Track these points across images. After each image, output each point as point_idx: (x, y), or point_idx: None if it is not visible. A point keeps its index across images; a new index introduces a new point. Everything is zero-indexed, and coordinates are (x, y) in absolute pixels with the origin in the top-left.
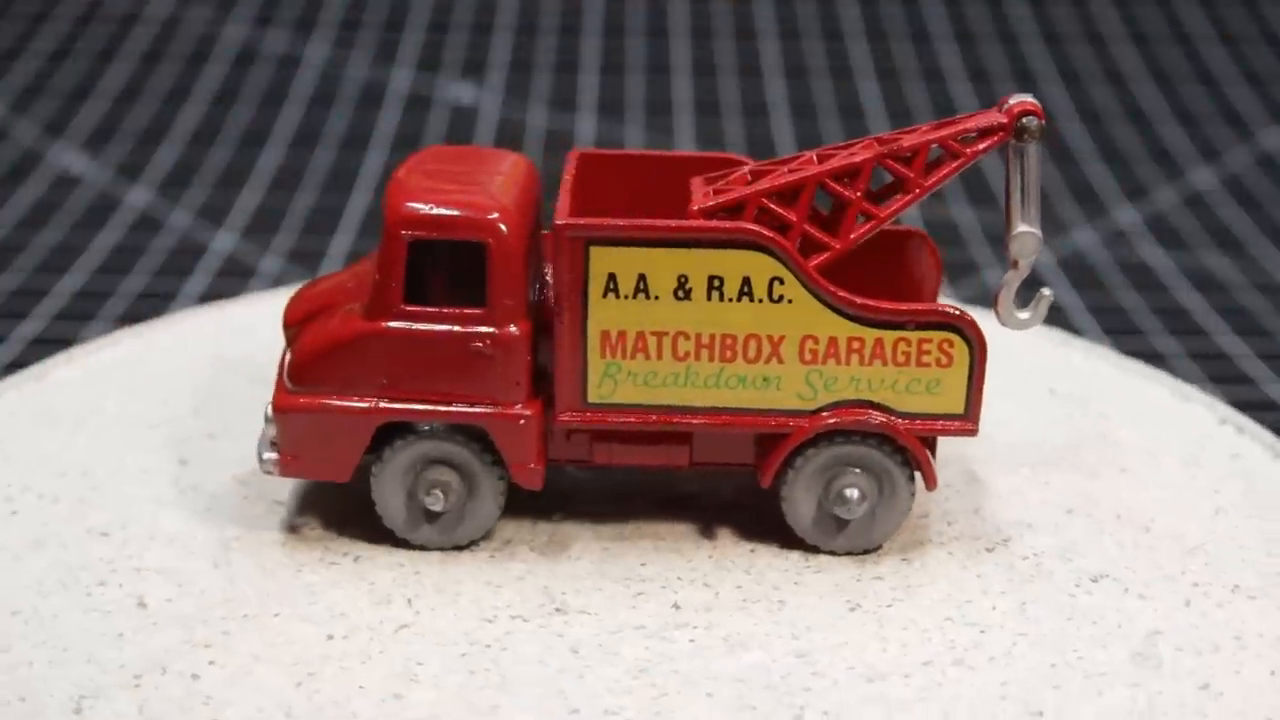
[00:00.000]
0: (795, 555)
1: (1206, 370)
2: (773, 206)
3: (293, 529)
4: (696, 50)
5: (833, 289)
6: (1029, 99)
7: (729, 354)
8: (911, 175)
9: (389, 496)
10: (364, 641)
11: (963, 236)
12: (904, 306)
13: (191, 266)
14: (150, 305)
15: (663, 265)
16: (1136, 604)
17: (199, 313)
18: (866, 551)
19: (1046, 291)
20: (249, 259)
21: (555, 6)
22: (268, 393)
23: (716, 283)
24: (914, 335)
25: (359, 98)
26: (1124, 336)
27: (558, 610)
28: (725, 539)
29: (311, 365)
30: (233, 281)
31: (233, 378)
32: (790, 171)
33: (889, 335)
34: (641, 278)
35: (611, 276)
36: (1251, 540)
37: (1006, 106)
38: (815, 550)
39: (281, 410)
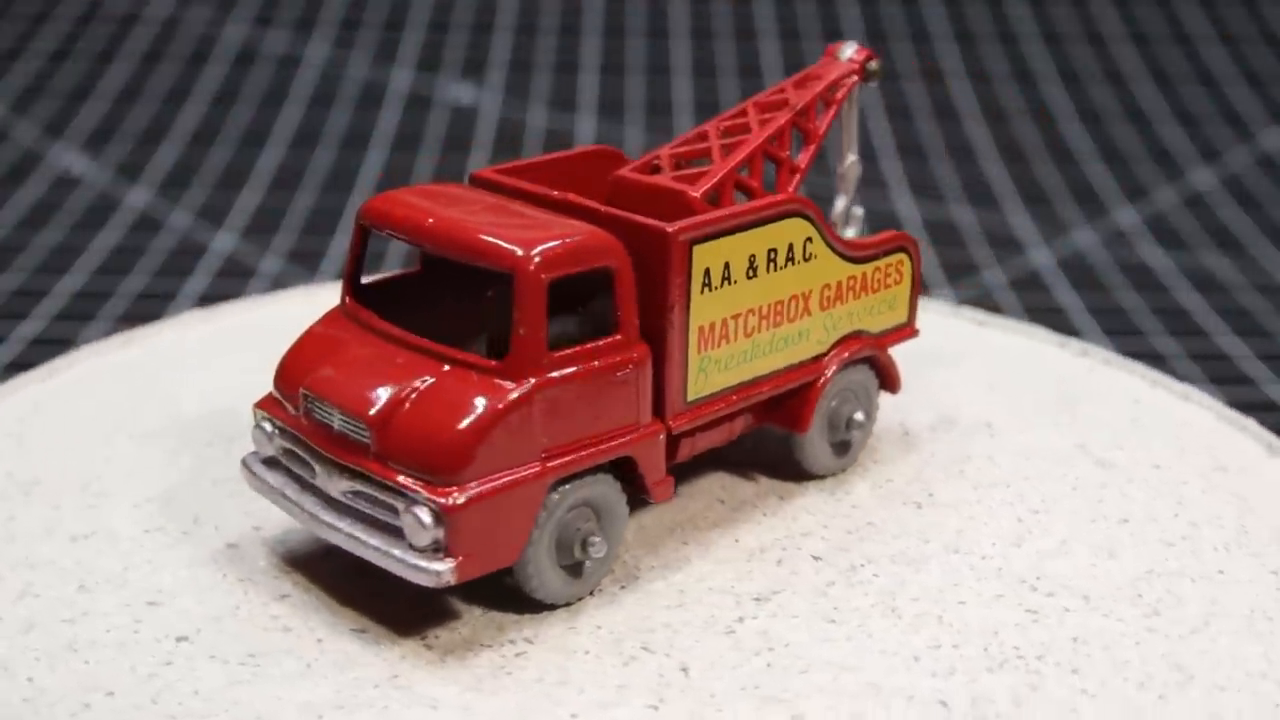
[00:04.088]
0: (811, 488)
1: (1206, 371)
2: (740, 178)
3: (427, 645)
4: (696, 51)
5: (838, 237)
6: (859, 45)
7: (779, 318)
8: (812, 128)
9: (545, 563)
10: (689, 693)
11: (963, 236)
12: (879, 239)
13: (191, 267)
14: (150, 306)
15: (740, 249)
16: (1056, 439)
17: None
18: (848, 467)
19: (859, 211)
20: (249, 259)
21: (555, 7)
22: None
23: (773, 254)
24: (884, 262)
25: (359, 98)
26: (1124, 337)
27: (756, 600)
28: (750, 497)
29: (472, 450)
30: (233, 282)
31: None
32: (729, 147)
33: (870, 268)
34: (726, 266)
35: (706, 271)
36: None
37: (848, 56)
38: (818, 478)
39: (457, 511)
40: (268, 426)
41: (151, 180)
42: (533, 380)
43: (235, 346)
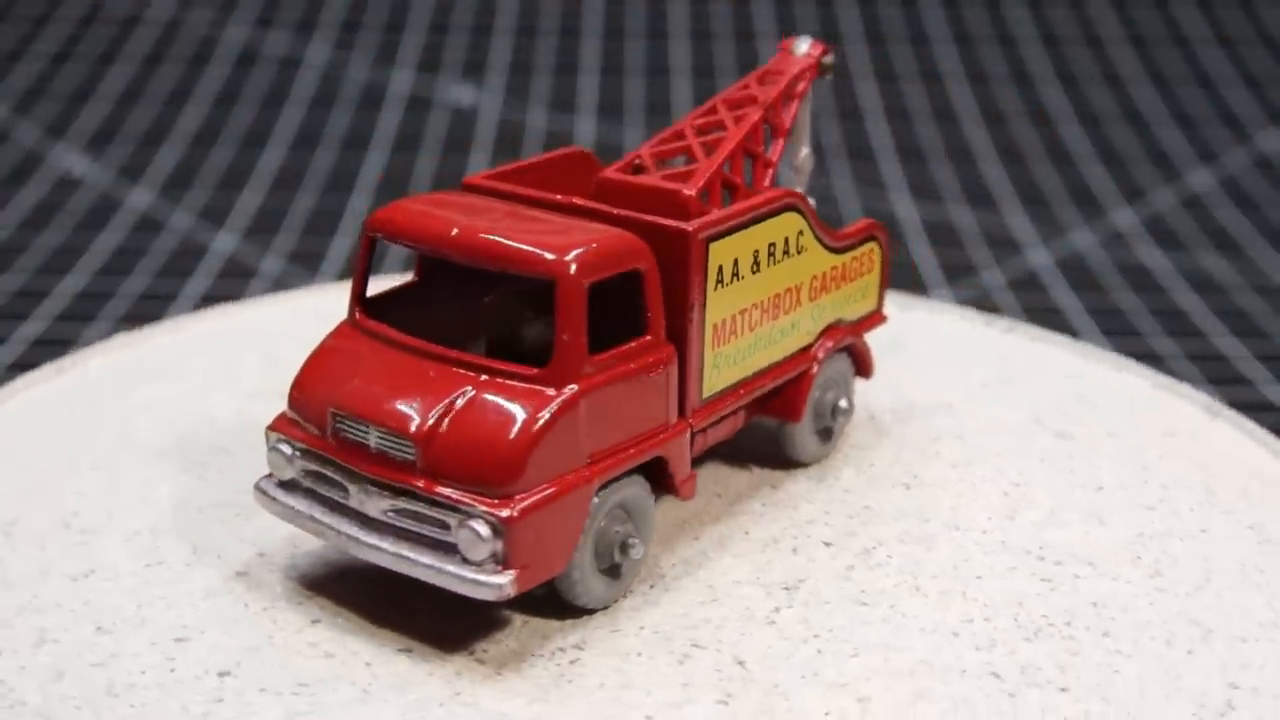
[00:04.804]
0: (800, 476)
1: (1204, 371)
2: (724, 174)
3: (479, 659)
4: (696, 52)
5: (825, 228)
6: (813, 39)
7: (776, 311)
8: (779, 121)
9: (588, 568)
10: (753, 686)
11: (961, 238)
12: (854, 229)
13: (192, 268)
14: (151, 306)
15: (746, 245)
16: (1010, 414)
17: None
18: (829, 453)
19: (810, 202)
20: (250, 260)
21: (555, 9)
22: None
23: (772, 249)
24: (859, 252)
25: (359, 99)
26: (1122, 338)
27: (786, 589)
28: (744, 489)
29: (525, 459)
30: (234, 282)
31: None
32: (710, 145)
33: (848, 258)
34: (735, 262)
35: (720, 269)
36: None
37: (803, 51)
38: (803, 465)
39: (515, 522)
40: (286, 449)
41: (153, 181)
42: (576, 386)
43: (165, 370)
